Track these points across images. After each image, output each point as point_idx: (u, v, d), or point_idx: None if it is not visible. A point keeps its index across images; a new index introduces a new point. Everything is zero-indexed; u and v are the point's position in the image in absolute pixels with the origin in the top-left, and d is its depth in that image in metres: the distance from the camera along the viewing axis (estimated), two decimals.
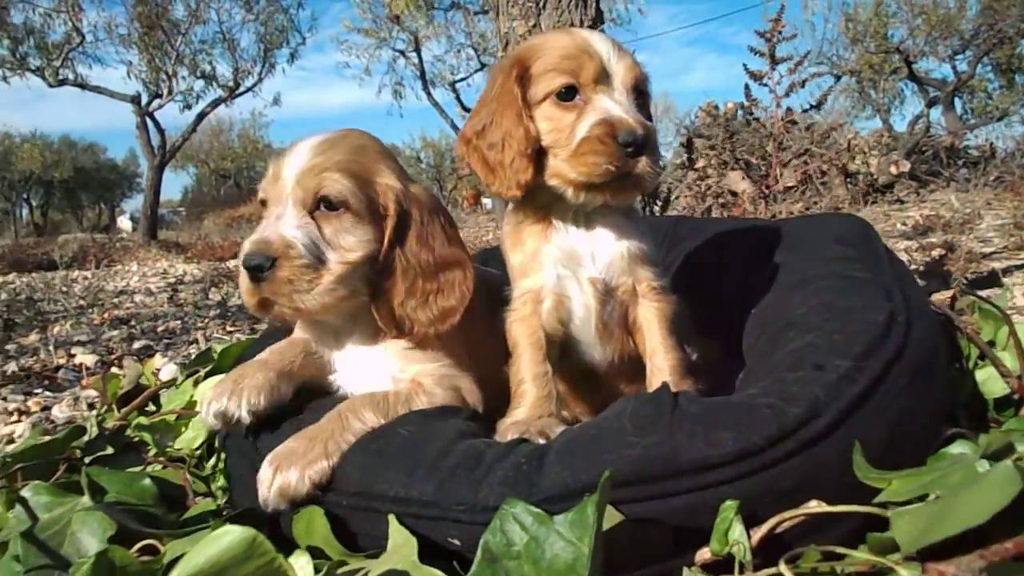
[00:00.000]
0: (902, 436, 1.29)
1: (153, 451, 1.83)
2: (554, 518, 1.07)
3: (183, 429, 1.88)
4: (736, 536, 1.08)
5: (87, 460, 1.72)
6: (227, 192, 36.40)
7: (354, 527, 1.30)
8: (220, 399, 1.48)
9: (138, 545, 1.33)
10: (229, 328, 4.81)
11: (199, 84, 19.24)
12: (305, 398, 1.60)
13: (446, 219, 1.68)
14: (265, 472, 1.36)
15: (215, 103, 19.29)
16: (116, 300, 7.26)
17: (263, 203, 1.61)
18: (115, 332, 4.75)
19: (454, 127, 24.70)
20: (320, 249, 1.51)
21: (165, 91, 18.22)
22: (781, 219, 2.10)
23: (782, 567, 0.99)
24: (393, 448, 1.35)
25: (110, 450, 1.74)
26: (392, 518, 1.22)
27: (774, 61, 3.56)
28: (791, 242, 1.88)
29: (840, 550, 1.03)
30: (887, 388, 1.29)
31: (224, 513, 1.51)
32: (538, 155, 1.56)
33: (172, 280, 9.13)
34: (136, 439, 1.86)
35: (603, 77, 1.51)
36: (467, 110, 24.86)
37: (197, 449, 1.79)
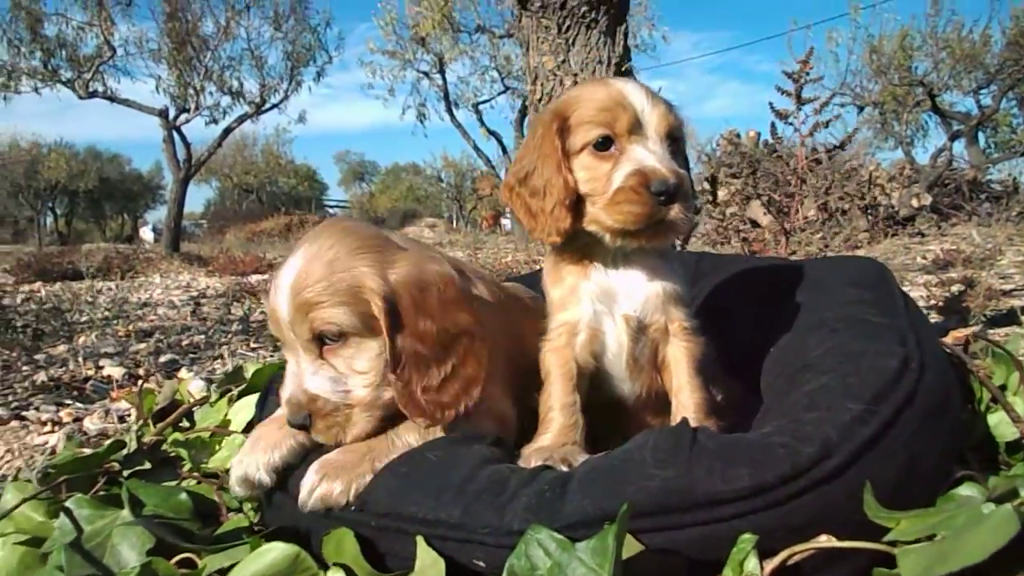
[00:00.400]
0: (911, 477, 1.34)
1: (188, 467, 1.90)
2: (576, 545, 1.13)
3: (217, 447, 1.95)
4: (751, 568, 1.14)
5: (125, 473, 1.79)
6: (249, 207, 36.76)
7: (383, 548, 1.36)
8: (240, 466, 1.58)
9: (176, 558, 1.40)
10: (253, 344, 4.90)
11: (226, 100, 19.51)
12: None
13: (441, 286, 1.60)
14: (310, 478, 1.44)
15: (241, 119, 19.55)
16: (140, 312, 7.38)
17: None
18: (141, 345, 4.84)
19: (476, 148, 24.89)
20: (342, 383, 1.55)
21: (192, 106, 18.50)
22: (799, 260, 2.15)
23: None
24: (421, 471, 1.41)
25: (148, 465, 1.82)
26: (420, 540, 1.29)
27: (800, 101, 3.63)
28: (808, 283, 1.94)
29: None
30: (897, 432, 1.34)
31: (256, 530, 1.58)
32: (577, 202, 1.64)
33: (195, 294, 9.25)
34: (172, 454, 1.93)
35: (637, 127, 1.59)
36: (492, 133, 25.11)
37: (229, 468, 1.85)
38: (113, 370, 4.02)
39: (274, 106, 20.47)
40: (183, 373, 4.03)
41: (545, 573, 1.12)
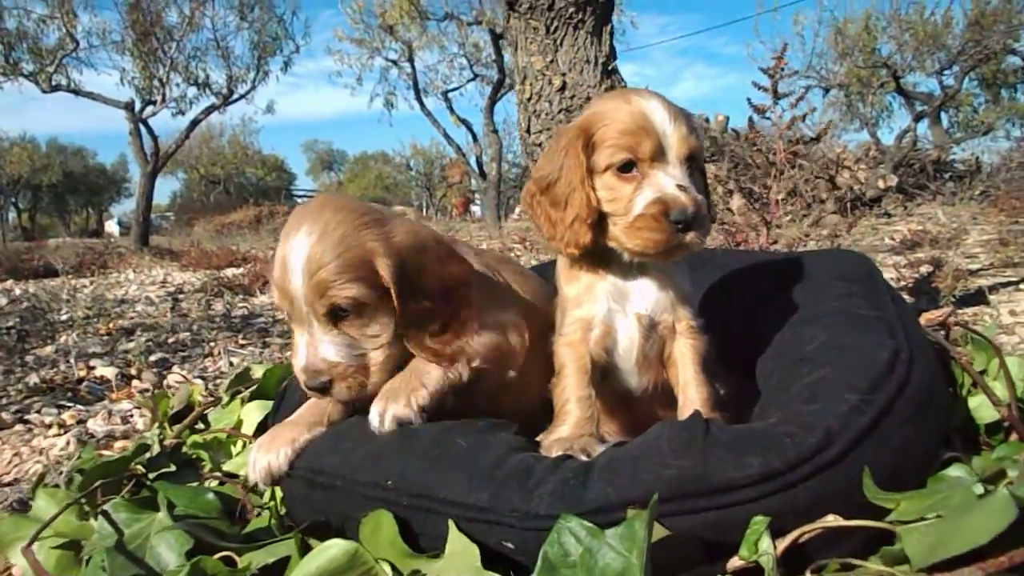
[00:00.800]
0: (905, 461, 1.45)
1: (208, 467, 1.97)
2: (605, 532, 1.22)
3: (232, 447, 2.02)
4: (764, 547, 1.24)
5: (151, 476, 1.86)
6: (217, 198, 36.43)
7: (415, 527, 1.44)
8: (262, 459, 1.69)
9: (215, 556, 1.47)
10: (242, 341, 4.94)
11: (192, 91, 19.31)
12: None
13: (433, 244, 1.77)
14: (375, 408, 1.63)
15: (208, 110, 19.36)
16: (119, 309, 7.36)
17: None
18: (130, 344, 4.87)
19: (446, 136, 24.84)
20: (357, 348, 1.68)
21: (159, 98, 18.30)
22: (787, 254, 2.26)
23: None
24: (452, 456, 1.50)
25: (173, 467, 1.88)
26: (452, 525, 1.37)
27: (776, 96, 3.74)
28: (797, 278, 2.04)
29: (855, 561, 1.18)
30: (891, 419, 1.44)
31: (287, 526, 1.65)
32: (598, 218, 1.72)
33: (171, 289, 9.22)
34: (193, 456, 1.99)
35: (659, 152, 1.66)
36: (462, 120, 25.08)
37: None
38: (105, 370, 4.05)
39: (241, 96, 20.27)
40: (175, 371, 4.08)
41: (577, 559, 1.21)
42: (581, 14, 3.02)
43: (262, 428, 2.03)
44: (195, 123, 19.16)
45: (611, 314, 1.78)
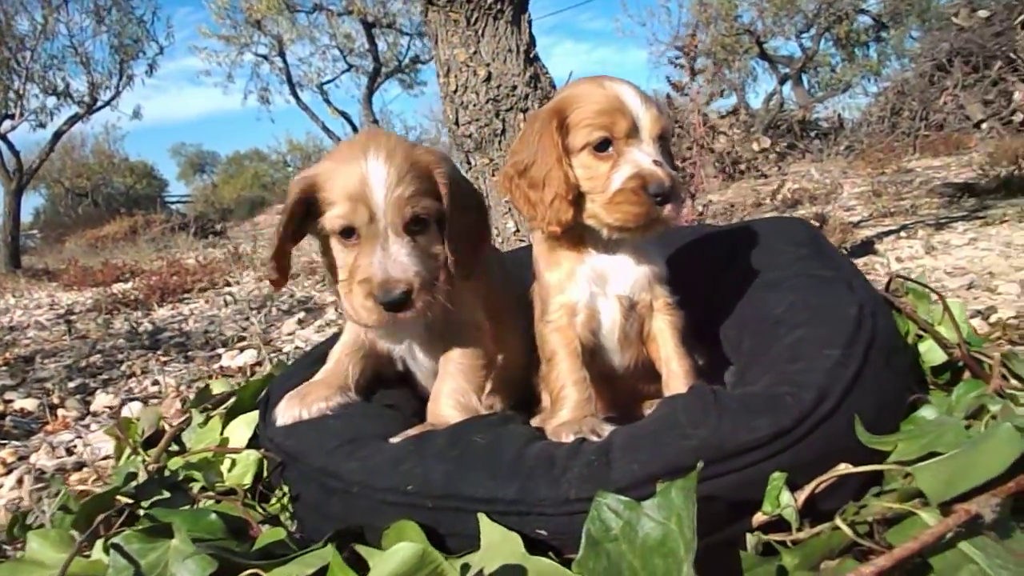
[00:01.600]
0: (884, 405, 1.59)
1: (197, 488, 1.94)
2: (642, 503, 1.29)
3: (221, 465, 1.99)
4: (786, 500, 1.34)
5: (145, 504, 1.82)
6: (86, 211, 34.62)
7: (443, 529, 1.48)
8: (292, 411, 1.80)
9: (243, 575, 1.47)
10: (164, 359, 4.78)
11: (52, 101, 18.32)
12: None
13: (454, 164, 1.93)
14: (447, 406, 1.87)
15: (72, 120, 18.40)
16: (9, 337, 6.98)
17: (347, 231, 1.76)
18: (43, 373, 4.65)
19: (325, 129, 24.40)
20: (428, 263, 1.76)
21: (16, 111, 17.27)
22: (735, 224, 2.38)
23: (838, 520, 1.25)
24: (472, 454, 1.55)
25: (167, 493, 1.85)
26: (483, 516, 1.42)
27: (693, 73, 3.89)
28: (749, 246, 2.17)
29: (873, 500, 1.30)
30: (869, 369, 1.58)
31: (299, 537, 1.66)
32: (577, 196, 1.78)
33: (61, 311, 8.79)
34: (184, 478, 1.96)
35: (633, 131, 1.73)
36: (341, 113, 24.66)
37: (246, 484, 1.91)
38: (24, 402, 3.87)
39: (106, 104, 19.36)
40: (99, 396, 3.93)
41: (618, 532, 1.28)
42: (500, 4, 3.06)
43: (254, 443, 2.02)
44: (59, 134, 18.20)
45: (593, 297, 1.85)
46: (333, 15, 22.39)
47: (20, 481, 2.50)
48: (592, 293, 1.85)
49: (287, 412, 1.80)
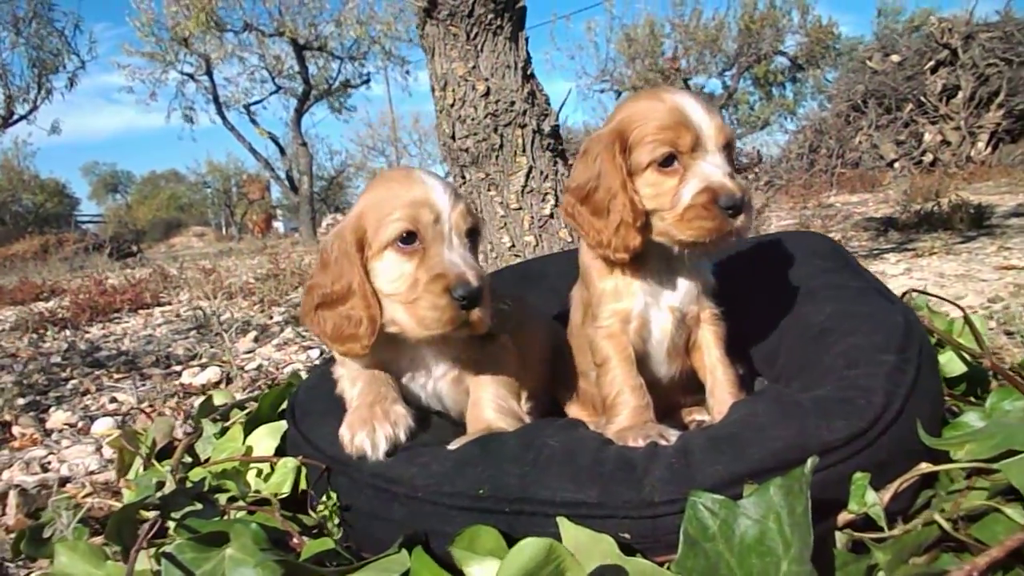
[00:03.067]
0: (936, 408, 1.64)
1: (224, 499, 1.86)
2: (739, 502, 1.29)
3: (247, 475, 1.92)
4: (871, 499, 1.36)
5: (176, 515, 1.73)
6: None
7: (519, 533, 1.43)
8: (374, 434, 1.70)
9: None
10: (116, 376, 4.59)
11: None
12: None
13: None
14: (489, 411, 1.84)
15: None
16: None
17: (408, 235, 1.72)
18: None
19: (252, 150, 24.04)
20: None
21: None
22: (752, 238, 2.42)
23: (936, 516, 1.28)
24: (548, 456, 1.52)
25: (198, 505, 1.76)
26: (563, 520, 1.40)
27: None
28: (772, 258, 2.21)
29: (961, 498, 1.33)
30: (923, 374, 1.63)
31: (347, 546, 1.60)
32: (645, 217, 1.76)
33: None
34: (206, 489, 1.87)
35: (698, 143, 1.69)
36: (268, 134, 24.31)
37: (284, 493, 1.84)
38: None
39: (23, 117, 18.72)
40: (57, 414, 3.74)
41: (716, 531, 1.28)
42: (499, 20, 3.08)
43: (281, 451, 1.95)
44: None
45: (647, 307, 1.85)
46: (263, 36, 22.16)
47: (3, 497, 2.35)
48: (646, 303, 1.85)
49: (376, 437, 1.68)
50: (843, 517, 1.39)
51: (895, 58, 20.63)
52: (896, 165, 18.66)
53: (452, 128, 3.23)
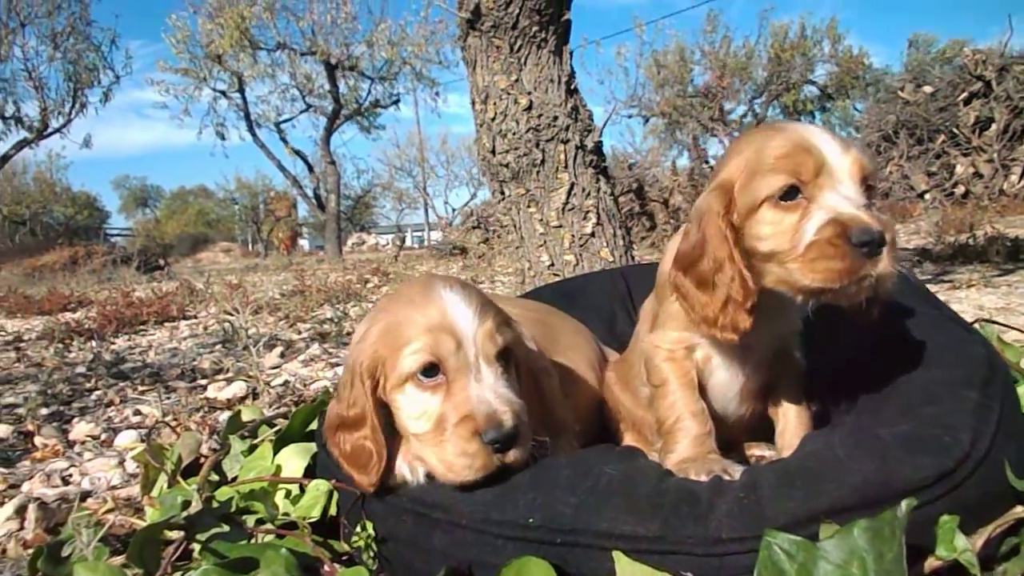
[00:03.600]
0: (1022, 447, 1.50)
1: (252, 521, 1.76)
2: (818, 544, 1.18)
3: (275, 496, 1.82)
4: (961, 545, 1.24)
5: (202, 537, 1.63)
6: (23, 239, 33.56)
7: (572, 567, 1.34)
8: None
9: None
10: (141, 388, 4.52)
11: (0, 125, 17.83)
12: None
13: None
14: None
15: (20, 144, 17.94)
16: None
17: (430, 367, 1.53)
18: (10, 399, 4.35)
19: (281, 168, 24.24)
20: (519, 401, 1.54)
21: None
22: None
23: None
24: (606, 486, 1.41)
25: (225, 527, 1.66)
26: (619, 554, 1.29)
27: (723, 114, 3.87)
28: None
29: None
30: (1007, 411, 1.50)
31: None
32: (746, 255, 1.52)
33: (8, 338, 8.36)
34: (233, 509, 1.77)
35: (826, 172, 1.42)
36: (297, 152, 24.52)
37: (314, 517, 1.74)
38: None
39: (56, 130, 18.95)
40: (80, 425, 3.67)
41: (793, 575, 1.17)
42: (544, 33, 3.00)
43: (310, 472, 1.85)
44: (5, 158, 17.71)
45: (718, 344, 1.67)
46: (296, 55, 22.38)
47: (22, 511, 2.26)
48: (720, 345, 1.67)
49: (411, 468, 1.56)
50: (929, 564, 1.27)
51: (927, 89, 20.46)
52: (927, 196, 18.45)
53: (492, 143, 3.15)
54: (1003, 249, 7.90)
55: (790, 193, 1.45)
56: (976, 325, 2.09)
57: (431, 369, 1.52)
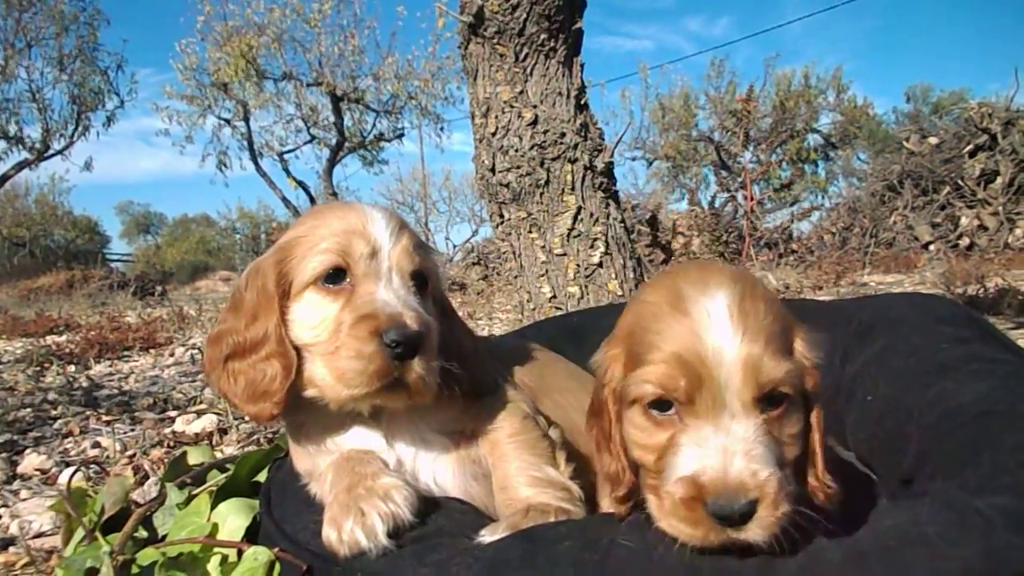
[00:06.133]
0: None
1: None
2: None
3: (208, 564, 1.49)
4: None
5: None
6: (22, 261, 33.30)
7: None
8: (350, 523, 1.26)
9: None
10: (106, 418, 4.19)
11: (1, 144, 17.71)
12: None
13: None
14: None
15: (20, 165, 17.76)
16: None
17: (335, 272, 1.39)
18: None
19: (284, 199, 24.09)
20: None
21: None
22: (850, 298, 2.00)
23: None
24: (618, 562, 1.09)
25: None
26: None
27: (747, 139, 3.60)
28: (885, 324, 1.77)
29: None
30: None
31: None
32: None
33: None
34: None
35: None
36: (300, 183, 24.34)
37: None
38: None
39: (58, 152, 18.82)
40: (32, 457, 3.34)
41: None
42: (553, 42, 2.72)
43: (250, 535, 1.52)
44: (4, 179, 17.52)
45: None
46: (302, 85, 22.35)
47: None
48: None
49: (368, 521, 1.25)
50: None
51: (933, 140, 20.43)
52: (931, 247, 18.29)
53: (492, 160, 2.84)
54: (1015, 302, 7.66)
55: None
56: None
57: (337, 274, 1.39)
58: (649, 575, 1.07)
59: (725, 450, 1.06)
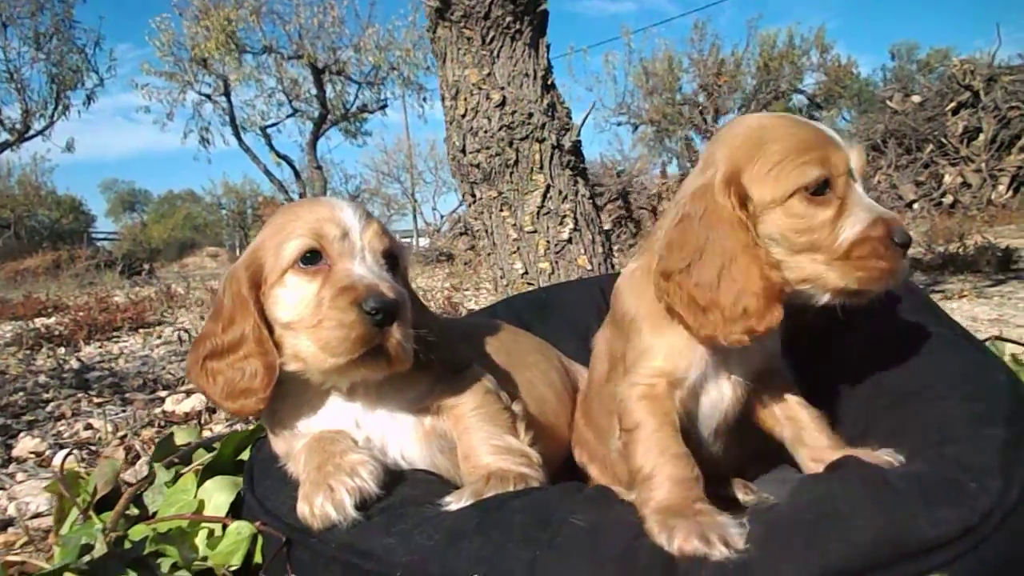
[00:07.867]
0: None
1: (167, 566, 1.53)
2: None
3: (196, 538, 1.59)
4: None
5: None
6: (7, 243, 33.10)
7: None
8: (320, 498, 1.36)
9: None
10: (97, 400, 4.28)
11: None
12: None
13: None
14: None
15: (1, 147, 17.62)
16: None
17: (311, 254, 1.48)
18: None
19: (267, 173, 23.95)
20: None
21: None
22: None
23: None
24: (570, 539, 1.19)
25: (132, 573, 1.44)
26: None
27: (717, 114, 3.67)
28: None
29: None
30: None
31: None
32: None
33: None
34: (146, 552, 1.54)
35: (849, 170, 1.39)
36: (282, 156, 24.22)
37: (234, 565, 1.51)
38: None
39: (39, 133, 18.65)
40: (26, 440, 3.43)
41: None
42: (519, 24, 2.78)
43: (235, 510, 1.63)
44: None
45: (705, 379, 1.50)
46: (282, 59, 22.13)
47: None
48: (706, 374, 1.49)
49: (336, 496, 1.35)
50: None
51: (916, 99, 20.43)
52: (915, 206, 18.38)
53: (463, 141, 2.92)
54: (994, 259, 7.79)
55: (823, 187, 1.38)
56: (988, 343, 1.89)
57: (314, 256, 1.48)
58: (594, 556, 1.15)
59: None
